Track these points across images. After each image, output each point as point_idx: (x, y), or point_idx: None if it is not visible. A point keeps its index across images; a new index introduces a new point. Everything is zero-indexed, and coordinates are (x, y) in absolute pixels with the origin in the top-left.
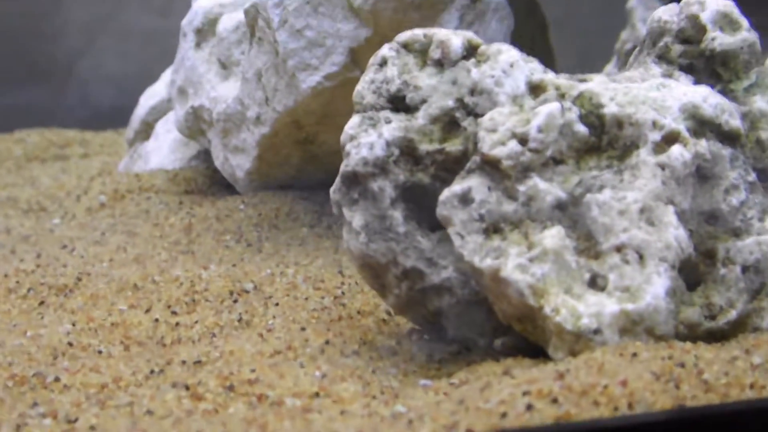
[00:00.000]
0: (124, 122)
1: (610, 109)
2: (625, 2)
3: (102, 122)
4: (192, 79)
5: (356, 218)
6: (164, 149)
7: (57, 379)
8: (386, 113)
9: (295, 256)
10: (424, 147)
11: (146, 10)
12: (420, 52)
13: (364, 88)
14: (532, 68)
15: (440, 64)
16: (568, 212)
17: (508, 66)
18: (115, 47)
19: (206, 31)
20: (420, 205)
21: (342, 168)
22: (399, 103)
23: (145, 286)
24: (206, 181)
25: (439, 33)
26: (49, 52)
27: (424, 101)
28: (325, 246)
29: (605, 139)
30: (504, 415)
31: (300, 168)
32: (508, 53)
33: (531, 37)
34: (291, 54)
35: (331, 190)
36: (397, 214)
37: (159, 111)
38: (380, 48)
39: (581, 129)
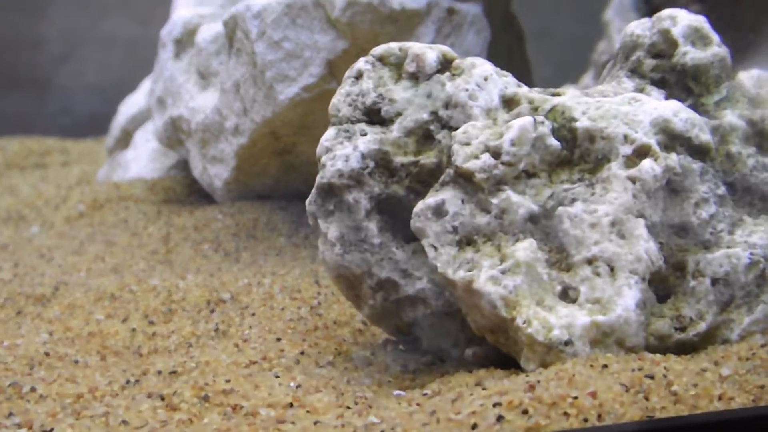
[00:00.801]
0: (105, 130)
1: (582, 123)
2: (602, 14)
3: (83, 130)
4: (171, 90)
5: (331, 230)
6: (143, 158)
7: (33, 389)
8: (362, 126)
9: (273, 266)
10: (399, 159)
11: (128, 19)
12: (395, 65)
13: (339, 101)
14: (506, 82)
15: (415, 78)
16: (540, 225)
17: (482, 80)
18: (96, 56)
19: (185, 41)
20: (395, 216)
21: (317, 180)
22: (374, 116)
23: (122, 296)
24: (185, 190)
25: (414, 47)
26: (31, 60)
27: (399, 114)
28: (303, 256)
29: (577, 153)
30: (474, 426)
31: (278, 178)
32: (482, 67)
33: (508, 48)
34: (269, 65)
35: (307, 201)
36: (372, 226)
37: (138, 120)
38: (357, 60)
39: (553, 143)
